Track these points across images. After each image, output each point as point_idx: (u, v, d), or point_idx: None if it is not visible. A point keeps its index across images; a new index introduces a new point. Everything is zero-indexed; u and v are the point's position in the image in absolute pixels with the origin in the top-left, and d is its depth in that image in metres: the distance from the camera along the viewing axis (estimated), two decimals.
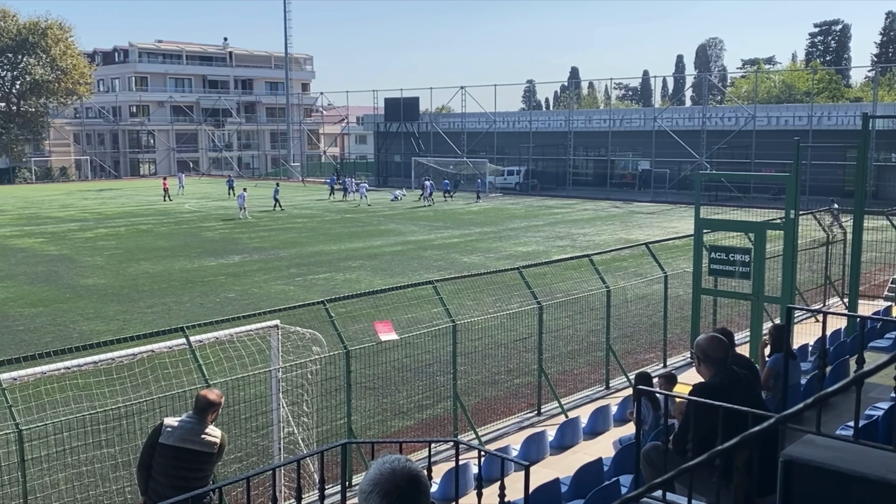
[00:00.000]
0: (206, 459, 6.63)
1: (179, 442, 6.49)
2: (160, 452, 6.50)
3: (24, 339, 17.86)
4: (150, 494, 6.59)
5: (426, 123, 73.00)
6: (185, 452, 6.49)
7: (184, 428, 6.56)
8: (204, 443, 6.57)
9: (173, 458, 6.47)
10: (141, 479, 6.68)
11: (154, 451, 6.54)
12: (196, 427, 6.60)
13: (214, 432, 6.71)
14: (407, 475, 2.65)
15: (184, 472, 6.50)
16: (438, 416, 12.68)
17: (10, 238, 35.48)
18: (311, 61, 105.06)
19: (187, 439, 6.52)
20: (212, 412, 6.70)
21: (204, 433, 6.61)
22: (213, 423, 6.76)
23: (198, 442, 6.54)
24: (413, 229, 38.16)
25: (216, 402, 6.73)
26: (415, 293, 14.72)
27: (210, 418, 6.69)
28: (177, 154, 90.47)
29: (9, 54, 75.42)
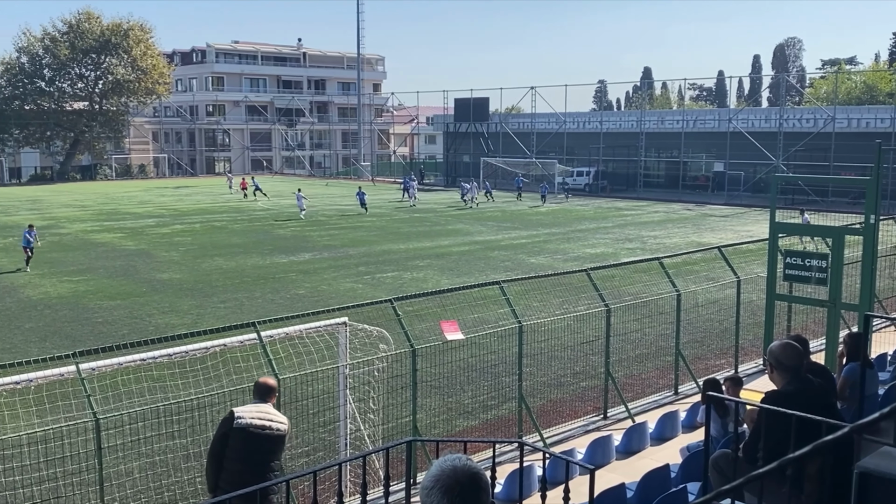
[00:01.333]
0: (279, 442, 6.74)
1: (256, 426, 6.55)
2: (236, 438, 6.51)
3: (103, 330, 18.46)
4: (222, 486, 6.58)
5: (495, 124, 72.90)
6: (261, 436, 6.56)
7: (258, 411, 6.65)
8: (278, 425, 6.68)
9: (251, 442, 6.52)
10: (212, 473, 6.65)
11: (227, 440, 6.55)
12: (269, 410, 6.72)
13: (282, 416, 6.85)
14: (468, 473, 2.66)
15: (262, 455, 6.58)
16: (503, 417, 12.65)
17: (90, 233, 36.74)
18: (383, 62, 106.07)
19: (263, 421, 6.59)
20: (273, 396, 6.84)
21: (275, 416, 6.73)
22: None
23: (272, 424, 6.63)
24: (481, 229, 38.16)
25: (276, 387, 6.93)
26: (481, 293, 14.72)
27: (272, 402, 6.83)
28: (251, 153, 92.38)
29: (93, 55, 78.12)
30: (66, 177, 79.07)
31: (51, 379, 8.03)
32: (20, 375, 7.88)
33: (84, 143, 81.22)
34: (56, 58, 76.87)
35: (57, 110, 78.36)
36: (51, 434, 8.67)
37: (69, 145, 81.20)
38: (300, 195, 43.56)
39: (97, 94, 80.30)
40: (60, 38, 77.09)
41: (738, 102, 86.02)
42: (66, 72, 78.77)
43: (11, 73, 76.96)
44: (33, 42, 77.61)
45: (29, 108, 77.07)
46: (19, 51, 77.82)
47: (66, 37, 77.16)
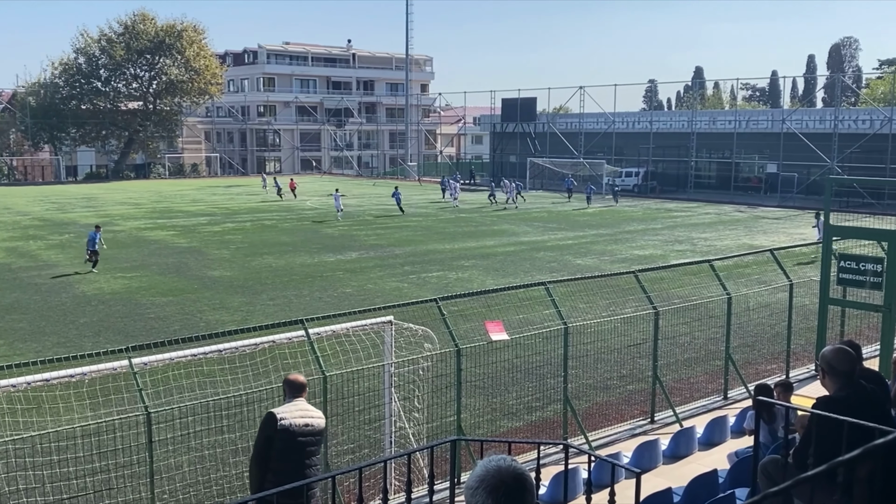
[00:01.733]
0: (321, 437, 6.79)
1: (301, 425, 6.57)
2: (281, 439, 6.50)
3: (154, 326, 18.82)
4: (268, 488, 6.49)
5: (543, 124, 72.60)
6: (305, 433, 6.59)
7: (297, 410, 6.65)
8: (317, 420, 6.72)
9: (296, 442, 6.54)
10: (258, 477, 6.59)
11: (272, 442, 6.51)
12: (306, 407, 6.75)
13: (318, 411, 6.88)
14: (513, 473, 2.66)
15: (306, 453, 6.62)
16: (548, 419, 12.60)
17: (143, 230, 37.49)
18: (431, 62, 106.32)
19: (305, 419, 6.61)
20: (305, 392, 6.86)
21: (313, 412, 6.76)
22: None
23: (313, 421, 6.66)
24: (526, 230, 38.03)
25: (306, 383, 6.94)
26: (527, 294, 14.67)
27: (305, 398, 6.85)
28: (300, 153, 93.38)
29: (147, 55, 79.70)
30: (120, 175, 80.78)
31: (104, 373, 8.22)
32: (75, 369, 8.08)
33: (138, 143, 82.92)
34: (112, 58, 78.58)
35: (112, 110, 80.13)
36: (103, 427, 8.87)
37: (124, 144, 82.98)
38: (338, 195, 43.41)
39: (151, 95, 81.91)
40: (116, 39, 78.79)
41: (791, 103, 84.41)
42: (122, 72, 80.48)
43: (69, 73, 78.92)
44: (90, 43, 79.45)
45: (85, 107, 78.95)
46: (77, 51, 79.76)
47: (121, 38, 78.83)
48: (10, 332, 18.37)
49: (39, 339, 17.75)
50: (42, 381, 7.90)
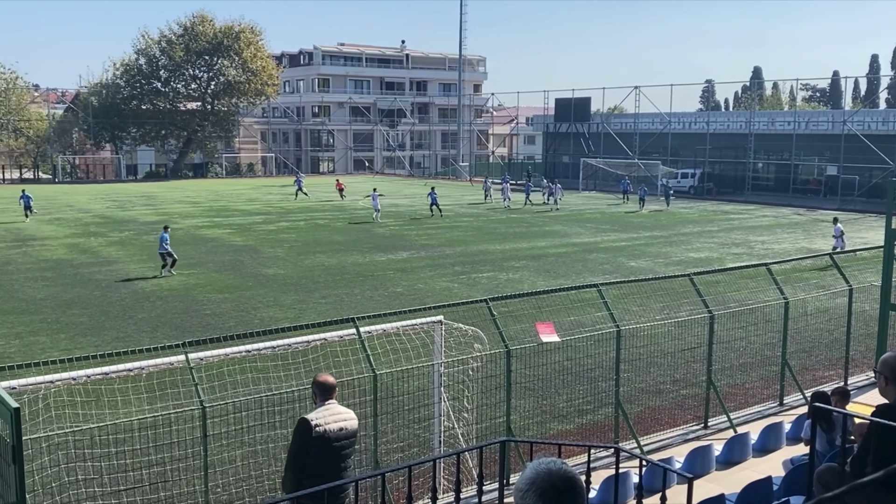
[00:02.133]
0: (355, 439, 6.77)
1: (336, 429, 6.52)
2: (320, 445, 6.45)
3: (210, 322, 19.16)
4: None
5: (597, 124, 72.03)
6: (342, 437, 6.57)
7: (331, 414, 6.58)
8: (351, 422, 6.67)
9: (332, 448, 6.52)
10: (293, 483, 6.49)
11: (308, 449, 6.45)
12: (339, 409, 6.70)
13: (350, 411, 6.82)
14: (564, 476, 2.64)
15: (343, 455, 6.62)
16: (599, 423, 12.49)
17: (201, 228, 38.19)
18: (484, 63, 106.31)
19: (339, 423, 6.57)
20: (335, 394, 6.77)
21: (345, 414, 6.70)
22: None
23: (346, 424, 6.62)
24: (579, 231, 37.76)
25: (336, 384, 6.84)
26: (578, 296, 14.56)
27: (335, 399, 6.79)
28: (353, 153, 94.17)
29: (206, 56, 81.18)
30: (178, 174, 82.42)
31: (161, 367, 8.39)
32: (133, 363, 8.26)
33: (196, 142, 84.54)
34: (171, 59, 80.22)
35: (171, 110, 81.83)
36: (160, 420, 9.06)
37: (182, 144, 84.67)
38: (376, 195, 42.71)
39: (209, 95, 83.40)
40: (176, 40, 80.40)
41: (853, 104, 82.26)
42: (181, 73, 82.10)
43: (130, 73, 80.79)
44: (151, 44, 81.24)
45: (145, 107, 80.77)
46: (138, 52, 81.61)
47: (181, 39, 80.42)
48: (71, 326, 18.88)
49: (99, 333, 18.21)
50: (101, 375, 8.10)
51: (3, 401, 4.75)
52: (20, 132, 78.76)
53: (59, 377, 7.80)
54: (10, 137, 78.77)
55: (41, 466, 8.50)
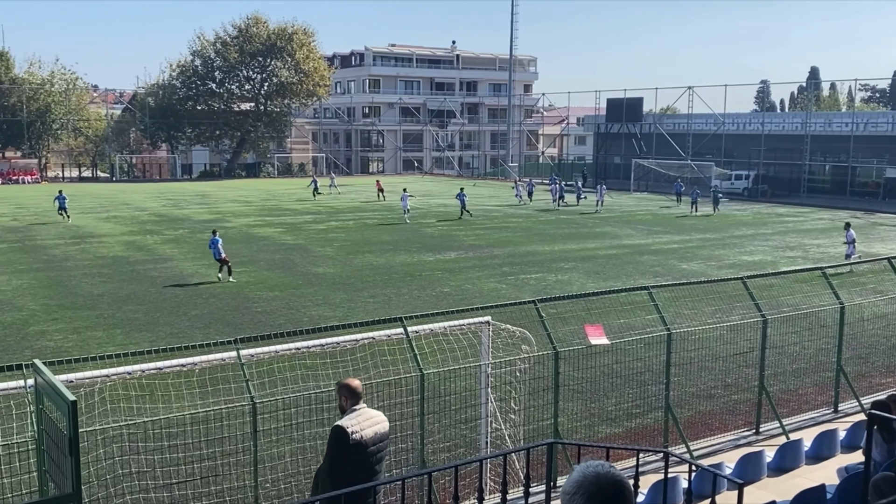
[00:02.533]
0: (388, 441, 6.76)
1: (371, 435, 6.49)
2: (357, 452, 6.41)
3: (261, 319, 19.42)
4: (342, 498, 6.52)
5: (649, 124, 71.24)
6: (377, 441, 6.55)
7: (365, 419, 6.53)
8: (383, 426, 6.65)
9: (369, 454, 6.51)
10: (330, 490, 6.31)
11: (347, 457, 6.40)
12: (371, 413, 6.66)
13: (381, 414, 6.78)
14: (612, 480, 2.62)
15: (380, 458, 6.61)
16: (648, 427, 12.36)
17: (253, 227, 38.73)
18: (535, 63, 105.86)
19: (374, 428, 6.53)
20: (363, 396, 6.72)
21: (377, 417, 6.66)
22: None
23: (379, 428, 6.60)
24: (630, 233, 37.39)
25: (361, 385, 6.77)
26: (628, 298, 14.43)
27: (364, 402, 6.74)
28: (402, 153, 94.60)
29: (259, 58, 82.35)
30: (232, 174, 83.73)
31: (213, 363, 8.53)
32: (186, 359, 8.42)
33: (249, 142, 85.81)
34: (226, 61, 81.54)
35: (225, 111, 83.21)
36: (211, 415, 9.21)
37: (236, 144, 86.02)
38: (406, 195, 42.25)
39: (262, 96, 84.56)
40: (231, 41, 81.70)
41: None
42: (235, 74, 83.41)
43: (186, 74, 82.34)
44: (206, 46, 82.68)
45: (200, 108, 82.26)
46: (193, 54, 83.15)
47: (235, 41, 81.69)
48: (126, 321, 19.30)
49: (153, 329, 18.58)
50: (155, 370, 8.26)
51: (61, 393, 4.87)
52: (80, 132, 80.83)
53: (114, 371, 7.98)
54: (69, 137, 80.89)
55: (96, 458, 8.70)
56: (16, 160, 78.45)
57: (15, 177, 74.38)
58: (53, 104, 76.96)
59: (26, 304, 21.13)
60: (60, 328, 18.62)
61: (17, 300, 21.53)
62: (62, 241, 33.12)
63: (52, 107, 76.84)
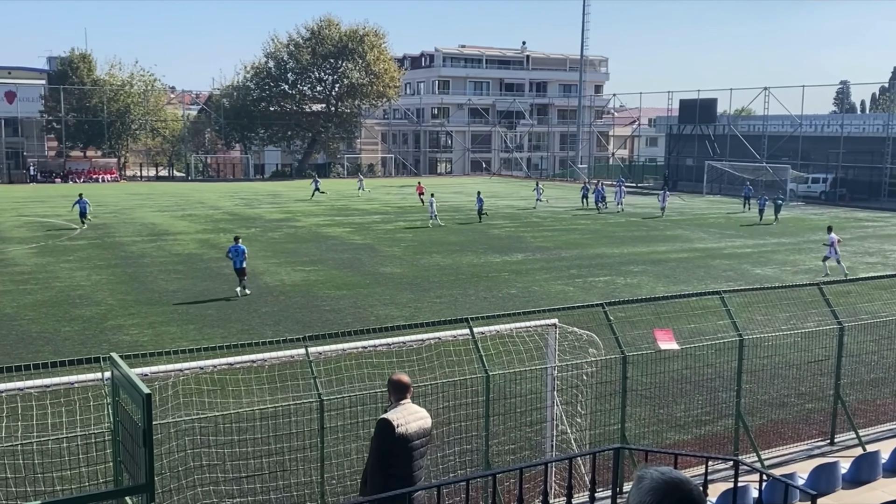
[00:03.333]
0: (430, 437, 6.85)
1: (416, 429, 6.59)
2: (402, 445, 6.51)
3: (329, 318, 19.67)
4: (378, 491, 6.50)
5: (723, 126, 69.78)
6: (420, 435, 6.64)
7: (409, 414, 6.63)
8: (426, 421, 6.75)
9: (415, 445, 6.60)
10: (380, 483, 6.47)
11: (393, 449, 6.50)
12: (415, 409, 6.75)
13: (424, 410, 6.89)
14: (684, 488, 2.56)
15: (420, 453, 6.69)
16: (717, 434, 12.10)
17: (322, 227, 39.27)
18: (606, 63, 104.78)
19: (418, 423, 6.63)
20: (410, 393, 6.80)
21: (421, 412, 6.76)
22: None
23: (423, 423, 6.69)
24: (702, 236, 36.69)
25: (410, 383, 6.86)
26: (699, 303, 14.17)
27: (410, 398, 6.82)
28: (471, 154, 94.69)
29: (331, 60, 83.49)
30: (303, 174, 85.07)
31: (282, 360, 8.67)
32: (256, 355, 8.58)
33: (320, 143, 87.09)
34: (299, 62, 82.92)
35: (297, 112, 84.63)
36: (280, 411, 9.37)
37: (307, 144, 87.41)
38: (433, 200, 41.61)
39: (333, 97, 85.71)
40: (303, 43, 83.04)
41: None
42: (307, 76, 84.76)
43: (259, 76, 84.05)
44: (280, 48, 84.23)
45: (273, 109, 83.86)
46: (267, 56, 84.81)
47: (308, 43, 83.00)
48: (200, 317, 19.78)
49: (225, 325, 19.00)
50: (226, 365, 8.45)
51: (136, 386, 5.02)
52: (157, 132, 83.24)
53: (187, 366, 8.18)
54: (147, 137, 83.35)
55: (168, 451, 8.94)
56: (96, 159, 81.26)
57: (95, 175, 77.06)
58: (133, 105, 79.44)
59: (104, 298, 21.84)
60: (136, 323, 19.19)
61: (95, 295, 22.27)
62: (139, 239, 34.14)
63: (132, 107, 79.33)
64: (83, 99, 77.55)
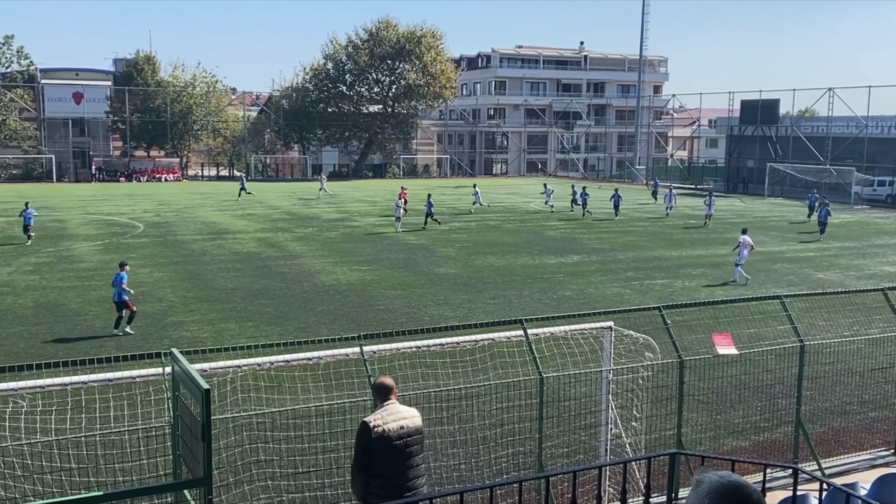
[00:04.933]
0: (420, 437, 6.83)
1: (396, 429, 6.64)
2: (378, 447, 6.60)
3: (383, 317, 19.79)
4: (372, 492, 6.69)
5: (786, 127, 68.29)
6: (401, 436, 6.66)
7: (389, 414, 6.70)
8: (411, 420, 6.75)
9: (393, 447, 6.63)
10: (360, 484, 6.73)
11: (371, 451, 6.62)
12: (399, 409, 6.78)
13: (411, 409, 6.91)
14: (743, 491, 2.51)
15: (408, 452, 6.70)
16: (776, 441, 11.85)
17: (377, 226, 39.55)
18: (666, 63, 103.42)
19: (398, 422, 6.66)
20: (394, 394, 6.85)
21: (404, 412, 6.79)
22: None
23: (405, 423, 6.70)
24: (762, 239, 35.93)
25: (394, 385, 6.93)
26: (759, 307, 13.90)
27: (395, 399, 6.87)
28: (526, 155, 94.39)
29: (388, 61, 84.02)
30: (359, 174, 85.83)
31: (337, 358, 8.76)
32: (312, 353, 8.69)
33: (376, 144, 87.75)
34: (357, 64, 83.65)
35: (355, 113, 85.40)
36: (335, 408, 9.46)
37: (364, 145, 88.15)
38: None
39: (390, 98, 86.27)
40: (362, 45, 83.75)
41: None
42: (365, 77, 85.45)
43: (318, 78, 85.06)
44: (338, 49, 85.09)
45: (331, 110, 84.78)
46: (326, 58, 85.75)
47: (366, 44, 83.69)
48: (258, 315, 20.09)
49: (282, 323, 19.27)
50: (283, 362, 8.57)
51: (196, 382, 5.12)
52: (218, 132, 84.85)
53: (245, 362, 8.33)
54: (209, 137, 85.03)
55: (226, 445, 9.10)
56: (159, 159, 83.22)
57: (158, 175, 78.90)
58: (195, 106, 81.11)
59: (166, 295, 22.34)
60: (196, 319, 19.58)
61: (157, 292, 22.79)
62: (200, 237, 34.82)
63: (194, 108, 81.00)
64: (147, 100, 79.47)
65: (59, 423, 8.52)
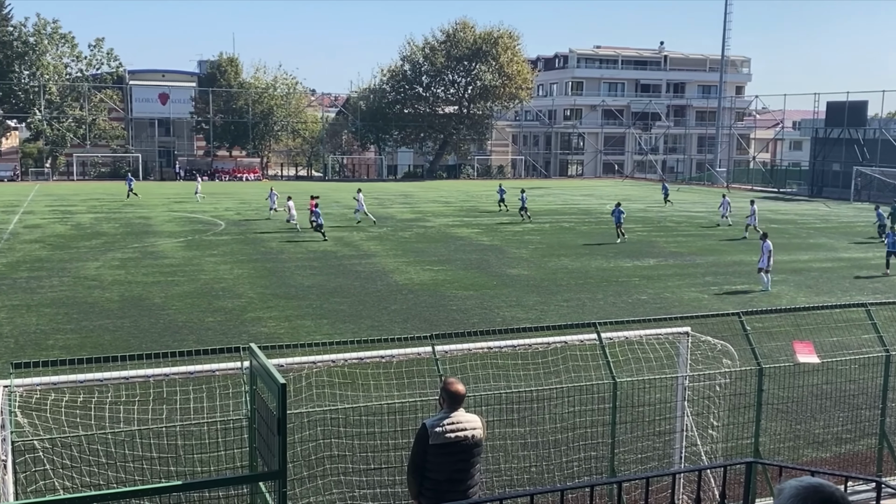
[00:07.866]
0: (479, 448, 6.74)
1: (454, 436, 6.57)
2: (435, 454, 6.55)
3: (456, 318, 19.85)
4: (425, 494, 6.68)
5: (874, 130, 65.88)
6: (459, 446, 6.58)
7: (450, 424, 6.61)
8: (472, 432, 6.65)
9: (450, 456, 6.56)
10: (413, 483, 6.76)
11: (426, 455, 6.58)
12: (462, 418, 6.67)
13: (476, 420, 6.77)
14: (826, 490, 2.46)
15: (462, 464, 6.63)
16: (859, 453, 11.45)
17: (451, 227, 39.68)
18: (749, 63, 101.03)
19: (458, 433, 6.59)
20: (462, 403, 6.74)
21: (468, 423, 6.67)
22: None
23: (467, 433, 6.61)
24: (847, 245, 34.77)
25: (465, 393, 6.78)
26: (843, 315, 13.45)
27: (462, 408, 6.75)
28: (603, 156, 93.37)
29: (465, 62, 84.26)
30: (434, 175, 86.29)
31: (409, 356, 8.83)
32: (385, 351, 8.78)
33: (451, 145, 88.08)
34: (433, 65, 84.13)
35: (430, 114, 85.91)
36: (406, 406, 9.53)
37: (438, 146, 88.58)
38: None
39: (466, 99, 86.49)
40: (438, 46, 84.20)
41: None
42: (441, 78, 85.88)
43: (395, 79, 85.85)
44: (415, 51, 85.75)
45: (407, 111, 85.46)
46: (403, 59, 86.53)
47: (443, 46, 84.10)
48: (333, 313, 20.40)
49: (357, 321, 19.51)
50: (357, 360, 8.68)
51: (273, 376, 5.24)
52: (298, 133, 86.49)
53: (320, 359, 8.47)
54: (289, 138, 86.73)
55: (300, 440, 9.28)
56: (241, 159, 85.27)
57: (239, 174, 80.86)
58: (276, 107, 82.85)
59: (245, 291, 22.87)
60: (274, 316, 19.99)
61: (237, 288, 23.35)
62: (278, 235, 35.54)
63: (275, 109, 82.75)
64: (230, 101, 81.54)
65: (141, 414, 8.82)
